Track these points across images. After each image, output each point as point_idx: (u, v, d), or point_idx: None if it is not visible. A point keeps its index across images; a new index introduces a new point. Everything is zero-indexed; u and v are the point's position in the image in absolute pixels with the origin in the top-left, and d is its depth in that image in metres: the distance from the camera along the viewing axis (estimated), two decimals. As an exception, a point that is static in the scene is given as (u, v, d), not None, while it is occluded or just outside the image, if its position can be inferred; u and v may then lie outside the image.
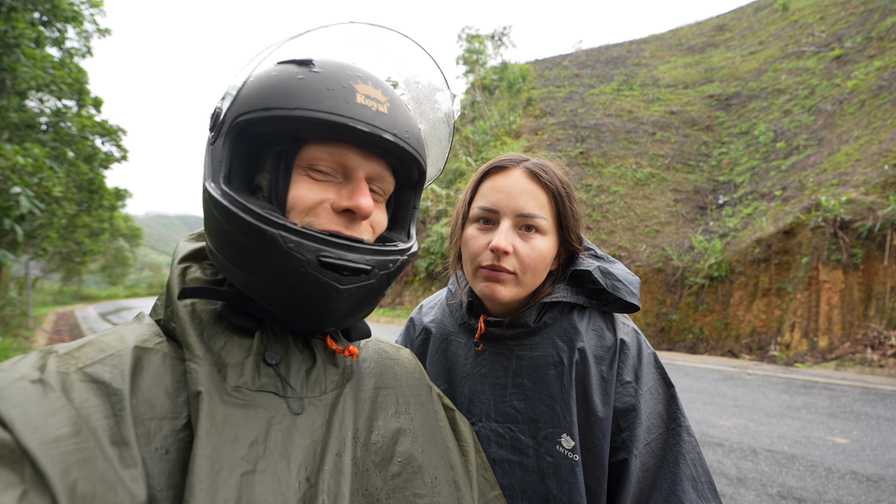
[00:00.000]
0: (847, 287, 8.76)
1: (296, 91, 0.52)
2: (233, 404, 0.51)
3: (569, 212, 0.89)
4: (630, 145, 17.00)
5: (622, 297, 0.88)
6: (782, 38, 19.86)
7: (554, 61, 27.55)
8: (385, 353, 0.76)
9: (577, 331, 0.88)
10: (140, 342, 0.52)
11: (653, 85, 21.21)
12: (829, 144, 12.23)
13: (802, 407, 5.57)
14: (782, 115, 15.14)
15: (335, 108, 0.52)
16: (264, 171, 0.56)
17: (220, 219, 0.52)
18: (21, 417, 0.40)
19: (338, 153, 0.55)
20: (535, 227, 0.85)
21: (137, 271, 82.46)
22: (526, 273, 0.86)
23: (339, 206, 0.55)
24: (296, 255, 0.50)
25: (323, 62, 0.56)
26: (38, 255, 15.61)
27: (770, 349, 9.14)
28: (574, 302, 0.90)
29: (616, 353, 0.87)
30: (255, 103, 0.53)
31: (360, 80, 0.56)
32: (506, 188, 0.86)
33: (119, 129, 18.00)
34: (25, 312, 16.56)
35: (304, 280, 0.51)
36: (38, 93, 14.54)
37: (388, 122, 0.55)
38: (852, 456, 4.07)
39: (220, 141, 0.55)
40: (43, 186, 10.63)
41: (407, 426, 0.67)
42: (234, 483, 0.47)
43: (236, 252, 0.53)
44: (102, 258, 41.54)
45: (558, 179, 0.89)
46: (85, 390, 0.46)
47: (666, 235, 12.95)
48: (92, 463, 0.41)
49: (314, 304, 0.52)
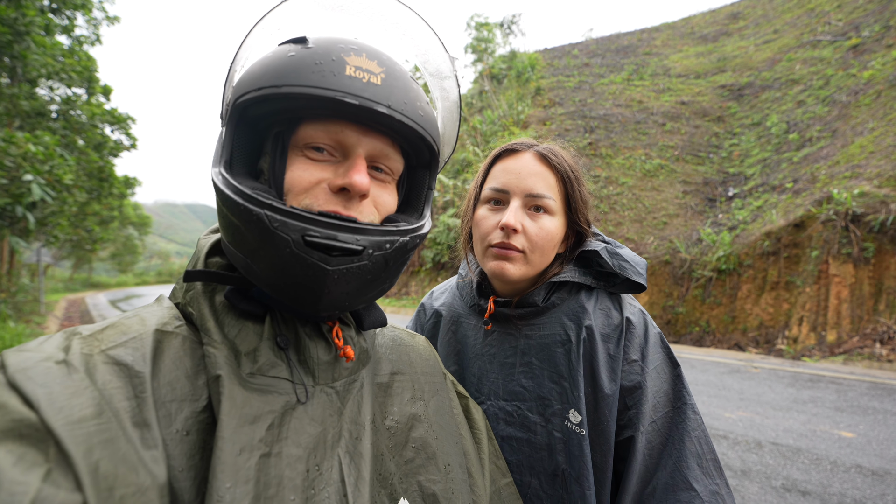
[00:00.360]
0: (857, 281, 8.67)
1: (284, 68, 0.51)
2: (250, 389, 0.52)
3: (577, 194, 0.91)
4: (639, 136, 16.82)
5: (629, 276, 0.90)
6: (798, 26, 19.46)
7: (563, 50, 27.21)
8: (400, 339, 0.76)
9: (584, 310, 0.90)
10: (160, 325, 0.53)
11: (664, 74, 20.91)
12: (843, 136, 12.02)
13: (809, 400, 5.55)
14: (796, 106, 14.89)
15: (321, 81, 0.50)
16: (265, 155, 0.56)
17: (220, 203, 0.53)
18: (47, 397, 0.41)
19: (333, 130, 0.53)
20: (544, 207, 0.89)
21: (146, 259, 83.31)
22: (535, 251, 0.88)
23: (335, 185, 0.53)
24: (281, 234, 0.49)
25: (318, 39, 0.55)
26: (50, 242, 15.80)
27: (777, 343, 9.10)
28: (582, 282, 0.93)
29: (623, 332, 0.89)
30: (248, 84, 0.52)
31: (354, 52, 0.53)
32: (516, 170, 0.90)
33: (128, 118, 18.09)
34: (37, 299, 16.82)
35: (291, 260, 0.49)
36: (49, 81, 14.61)
37: (382, 93, 0.52)
38: (858, 450, 4.06)
39: (225, 127, 0.56)
40: (54, 174, 10.73)
41: (422, 412, 0.67)
42: (254, 465, 0.48)
43: (234, 235, 0.53)
44: (112, 246, 41.95)
45: (567, 163, 0.92)
46: (108, 372, 0.46)
47: (674, 227, 12.85)
48: (114, 444, 0.42)
49: (305, 286, 0.51)
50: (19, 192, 9.83)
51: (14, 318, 11.85)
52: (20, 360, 0.44)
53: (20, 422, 0.39)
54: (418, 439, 0.64)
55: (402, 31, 0.65)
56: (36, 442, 0.39)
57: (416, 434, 0.64)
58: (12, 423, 0.39)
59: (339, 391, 0.59)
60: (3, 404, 0.40)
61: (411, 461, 0.62)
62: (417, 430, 0.64)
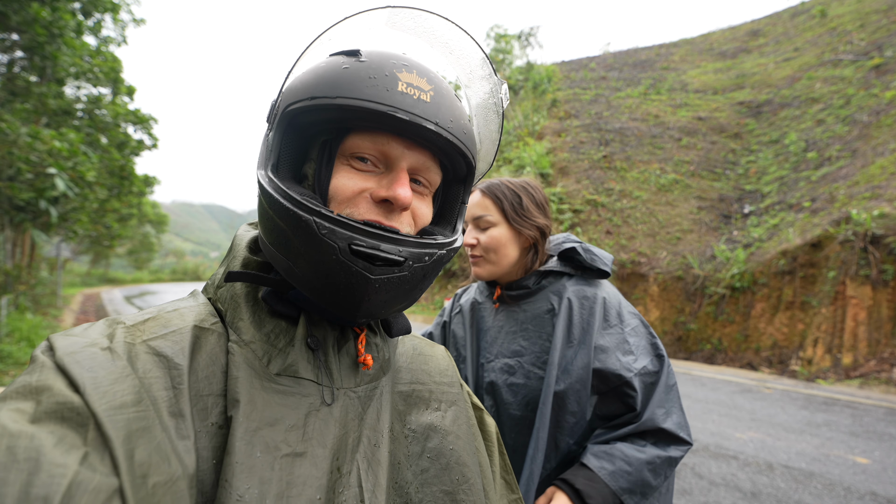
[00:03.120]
0: (875, 304, 8.48)
1: (339, 80, 0.53)
2: (272, 390, 0.53)
3: (509, 208, 1.25)
4: (655, 150, 16.73)
5: (598, 266, 1.25)
6: (819, 45, 19.27)
7: (581, 63, 27.25)
8: (420, 349, 0.76)
9: (565, 287, 1.25)
10: (198, 321, 0.55)
11: (681, 90, 20.82)
12: (863, 156, 11.84)
13: (823, 424, 5.44)
14: (815, 125, 14.71)
15: (375, 95, 0.52)
16: (310, 161, 0.58)
17: (265, 205, 0.54)
18: (92, 382, 0.43)
19: (380, 142, 0.55)
20: (485, 223, 1.26)
21: (162, 257, 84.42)
22: (489, 253, 1.26)
23: (378, 196, 0.55)
24: (328, 241, 0.50)
25: (370, 52, 0.57)
26: (69, 237, 16.14)
27: (791, 363, 8.93)
28: (562, 270, 1.27)
29: (596, 304, 1.21)
30: (301, 93, 0.54)
31: (405, 68, 0.55)
32: (469, 205, 1.27)
33: (150, 118, 18.47)
34: (55, 292, 17.15)
35: (335, 267, 0.51)
36: (76, 80, 15.02)
37: (430, 110, 0.54)
38: (873, 477, 3.97)
39: (273, 131, 0.57)
40: (77, 171, 10.99)
41: (438, 423, 0.67)
42: (274, 465, 0.49)
43: (278, 237, 0.54)
44: (129, 243, 42.65)
45: (506, 188, 1.27)
46: (148, 362, 0.48)
47: (688, 243, 12.72)
48: (150, 432, 0.43)
49: (346, 292, 0.52)
50: (43, 187, 10.08)
51: (32, 310, 12.10)
52: (68, 344, 0.46)
53: (63, 405, 0.41)
54: (433, 449, 0.64)
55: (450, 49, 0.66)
56: (76, 426, 0.40)
57: (432, 444, 0.64)
58: (56, 406, 0.41)
59: (360, 397, 0.60)
60: (49, 387, 0.42)
61: (427, 471, 0.62)
62: (433, 440, 0.65)
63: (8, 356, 7.37)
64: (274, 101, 0.58)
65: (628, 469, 1.07)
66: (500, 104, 0.68)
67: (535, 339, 1.22)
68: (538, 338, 1.21)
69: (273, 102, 0.59)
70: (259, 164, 0.58)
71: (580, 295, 1.22)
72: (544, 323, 1.22)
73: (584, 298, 1.22)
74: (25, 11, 9.87)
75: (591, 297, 1.22)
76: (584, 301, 1.21)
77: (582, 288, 1.24)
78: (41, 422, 0.40)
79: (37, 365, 0.44)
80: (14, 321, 9.47)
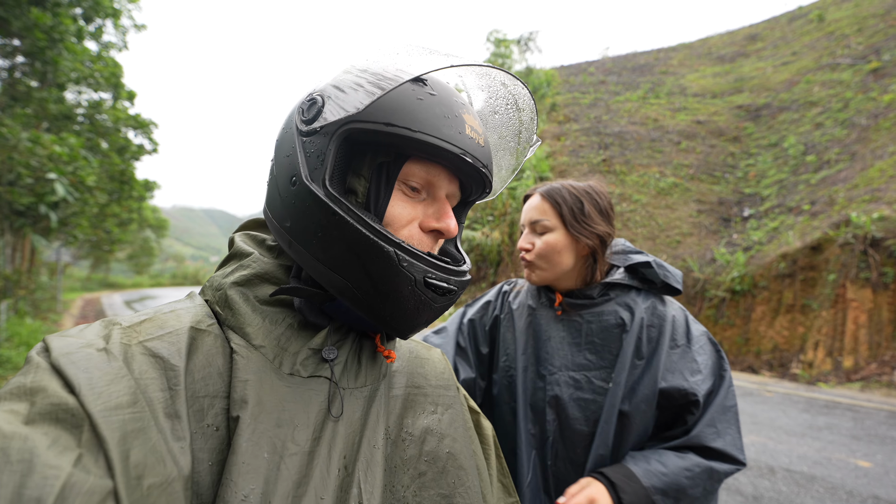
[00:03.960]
0: (875, 307, 8.48)
1: (416, 113, 0.54)
2: (283, 389, 0.53)
3: (568, 213, 1.21)
4: (654, 154, 16.76)
5: (670, 282, 1.21)
6: (817, 49, 19.35)
7: (580, 67, 27.34)
8: (416, 352, 0.76)
9: (636, 303, 1.21)
10: (195, 323, 0.55)
11: (680, 94, 20.88)
12: (862, 159, 11.86)
13: (824, 427, 5.42)
14: (814, 128, 14.75)
15: (451, 137, 0.55)
16: (360, 178, 0.57)
17: (324, 223, 0.53)
18: (87, 382, 0.43)
19: (433, 173, 0.59)
20: (542, 228, 1.22)
21: (162, 262, 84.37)
22: (541, 259, 1.22)
23: (429, 227, 0.59)
24: (407, 273, 0.53)
25: (435, 83, 0.58)
26: (69, 241, 16.14)
27: (792, 367, 8.91)
28: (630, 284, 1.22)
29: (665, 322, 1.18)
30: (376, 115, 0.53)
31: (465, 110, 0.59)
32: (526, 208, 1.28)
33: (151, 123, 18.53)
34: (55, 297, 17.13)
35: (408, 296, 0.54)
36: (77, 85, 15.06)
37: (485, 155, 0.60)
38: (875, 480, 3.95)
39: (324, 139, 0.54)
40: (77, 175, 11.01)
41: (435, 426, 0.67)
42: (282, 465, 0.49)
43: (338, 257, 0.54)
44: (130, 247, 42.62)
45: (567, 192, 1.22)
46: (145, 363, 0.48)
47: (687, 246, 12.72)
48: (145, 433, 0.43)
49: (409, 317, 0.56)
50: (43, 192, 10.10)
51: (32, 315, 12.09)
52: (64, 345, 0.46)
53: (58, 406, 0.40)
54: (430, 453, 0.64)
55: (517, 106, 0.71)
56: (70, 427, 0.40)
57: (428, 447, 0.64)
58: (50, 407, 0.40)
59: (365, 397, 0.60)
60: (44, 388, 0.41)
61: (423, 475, 0.62)
62: (429, 444, 0.65)
63: (7, 361, 7.36)
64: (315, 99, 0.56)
65: (663, 470, 1.07)
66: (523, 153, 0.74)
67: (603, 353, 1.19)
68: (607, 353, 1.18)
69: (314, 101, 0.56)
70: (307, 175, 0.54)
71: (651, 313, 1.20)
72: (612, 338, 1.19)
73: (654, 316, 1.19)
74: (26, 17, 9.91)
75: (662, 315, 1.20)
76: (654, 319, 1.19)
77: (653, 305, 1.21)
78: (35, 423, 0.39)
79: (31, 366, 0.44)
80: (14, 326, 9.46)
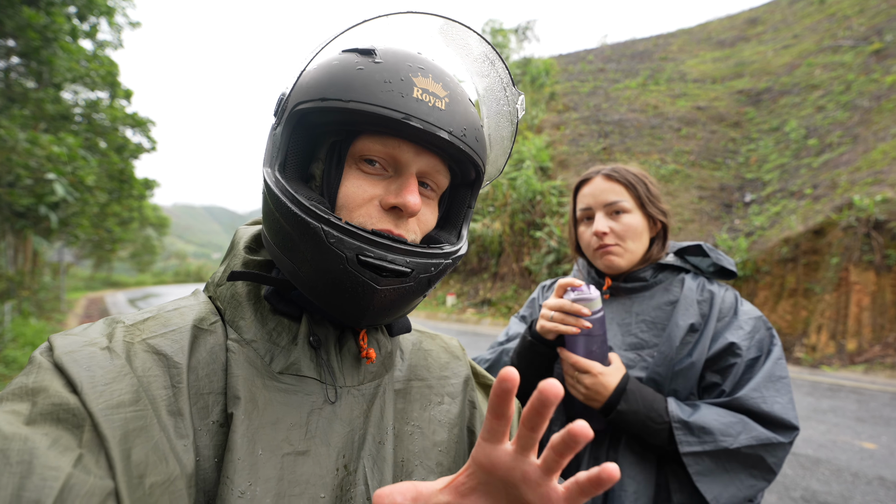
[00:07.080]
0: (879, 289, 8.46)
1: (352, 82, 0.51)
2: (274, 388, 0.52)
3: (643, 193, 1.20)
4: (654, 141, 16.67)
5: (723, 264, 1.21)
6: (818, 31, 19.16)
7: (578, 56, 27.14)
8: (420, 344, 0.75)
9: (686, 282, 1.20)
10: (198, 321, 0.54)
11: (679, 80, 20.72)
12: (865, 142, 11.78)
13: (829, 410, 5.43)
14: (815, 112, 14.64)
15: (390, 102, 0.50)
16: (318, 161, 0.56)
17: (272, 206, 0.53)
18: (89, 381, 0.42)
19: (390, 145, 0.54)
20: (620, 208, 1.19)
21: (164, 259, 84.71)
22: (626, 241, 1.19)
23: (387, 203, 0.54)
24: (336, 250, 0.49)
25: (386, 52, 0.54)
26: (71, 242, 16.20)
27: (795, 350, 8.91)
28: (682, 265, 1.23)
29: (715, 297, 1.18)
30: (313, 92, 0.52)
31: (421, 72, 0.53)
32: (592, 192, 1.23)
33: (148, 121, 18.48)
34: (58, 297, 17.22)
35: (342, 276, 0.50)
36: (73, 85, 15.01)
37: (445, 118, 0.53)
38: (881, 461, 3.96)
39: (280, 128, 0.55)
40: (76, 175, 11.00)
41: (443, 417, 0.67)
42: (276, 463, 0.48)
43: (284, 240, 0.53)
44: (131, 246, 42.79)
45: (630, 173, 1.22)
46: (147, 360, 0.48)
47: (689, 233, 12.69)
48: (147, 432, 0.43)
49: (351, 300, 0.52)
50: (43, 192, 10.10)
51: (36, 315, 12.15)
52: (67, 344, 0.45)
53: (59, 406, 0.40)
54: (443, 443, 0.64)
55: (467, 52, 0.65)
56: (71, 427, 0.40)
57: (440, 438, 0.64)
58: (52, 407, 0.40)
59: (364, 395, 0.59)
60: (46, 388, 0.41)
61: (441, 465, 0.62)
62: (441, 434, 0.64)
63: (13, 361, 7.41)
64: (283, 95, 0.56)
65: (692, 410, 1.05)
66: (514, 113, 0.67)
67: (655, 331, 1.18)
68: (660, 330, 1.18)
69: (281, 97, 0.56)
70: (265, 162, 0.56)
71: (701, 290, 1.20)
72: (664, 315, 1.18)
73: (704, 292, 1.19)
74: (19, 16, 9.85)
75: (712, 291, 1.19)
76: (704, 294, 1.19)
77: (703, 283, 1.21)
78: (36, 424, 0.39)
79: (34, 365, 0.44)
80: (18, 326, 9.52)
